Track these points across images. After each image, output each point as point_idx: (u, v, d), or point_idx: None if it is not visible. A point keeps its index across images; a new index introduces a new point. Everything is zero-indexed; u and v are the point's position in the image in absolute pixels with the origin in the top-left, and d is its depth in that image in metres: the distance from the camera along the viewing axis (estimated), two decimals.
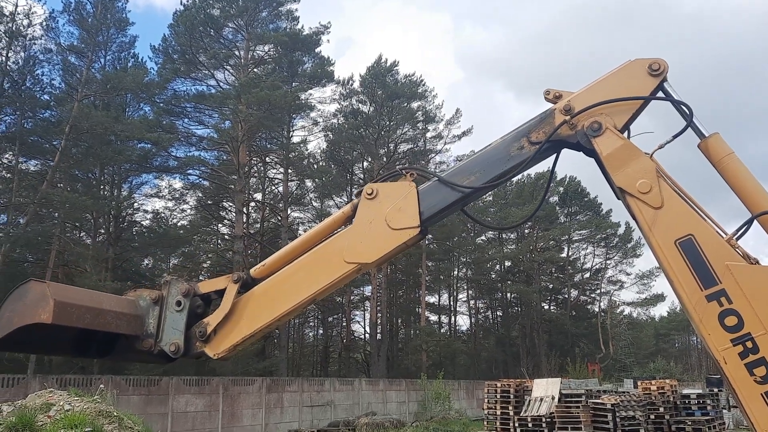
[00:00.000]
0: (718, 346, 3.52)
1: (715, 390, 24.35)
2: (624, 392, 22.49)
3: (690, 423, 19.33)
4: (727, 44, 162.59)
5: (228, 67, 45.36)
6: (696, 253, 3.64)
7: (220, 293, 4.16)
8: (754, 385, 3.42)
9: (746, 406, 3.44)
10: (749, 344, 3.46)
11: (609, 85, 4.11)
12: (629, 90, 4.05)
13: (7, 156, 35.56)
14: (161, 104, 42.24)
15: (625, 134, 4.06)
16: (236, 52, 45.83)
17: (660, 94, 4.08)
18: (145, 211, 46.18)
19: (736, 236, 3.72)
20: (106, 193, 41.98)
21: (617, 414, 18.66)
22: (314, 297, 4.17)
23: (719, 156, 3.90)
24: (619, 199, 4.07)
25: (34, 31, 35.19)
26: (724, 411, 26.63)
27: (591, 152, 4.09)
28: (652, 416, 20.16)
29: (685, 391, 22.25)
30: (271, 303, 4.10)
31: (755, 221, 3.72)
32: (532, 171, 48.94)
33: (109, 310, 3.89)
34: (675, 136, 4.00)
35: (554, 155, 4.36)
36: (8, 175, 35.80)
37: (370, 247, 4.12)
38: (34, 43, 35.33)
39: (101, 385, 18.37)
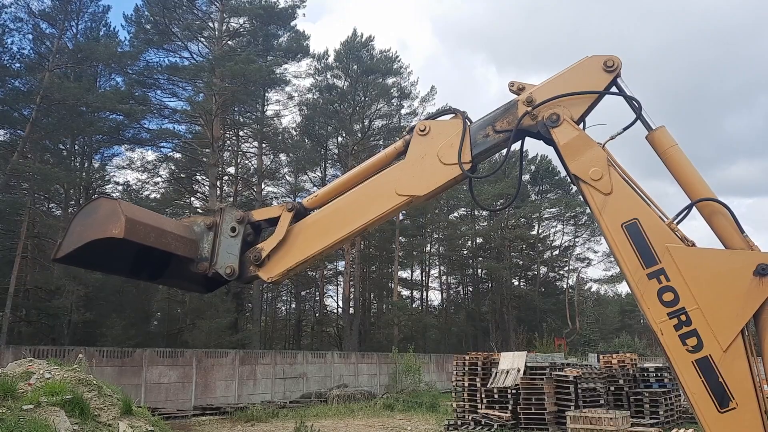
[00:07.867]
0: (656, 319, 3.91)
1: None
2: (587, 365, 23.28)
3: (647, 394, 20.21)
4: (709, 18, 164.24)
5: (202, 39, 44.77)
6: (640, 235, 4.02)
7: (272, 222, 4.40)
8: (687, 354, 3.82)
9: (679, 373, 3.85)
10: (683, 317, 3.85)
11: (567, 80, 4.43)
12: (585, 84, 4.39)
13: None
14: (134, 75, 41.51)
15: (581, 125, 4.41)
16: (210, 24, 45.18)
17: (614, 89, 4.43)
18: (117, 183, 45.88)
19: (676, 221, 4.11)
20: (77, 164, 41.46)
21: (579, 386, 19.39)
22: (365, 227, 4.40)
23: (664, 147, 4.26)
24: (573, 184, 4.43)
25: None
26: None
27: (550, 141, 4.42)
28: (612, 388, 21.02)
29: (645, 365, 23.13)
30: (324, 231, 4.34)
31: (694, 207, 4.12)
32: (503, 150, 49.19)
33: (171, 232, 4.06)
34: (625, 128, 4.35)
35: (519, 143, 4.69)
36: None
37: (422, 181, 4.34)
38: (4, 12, 34.51)
39: (80, 355, 18.53)
